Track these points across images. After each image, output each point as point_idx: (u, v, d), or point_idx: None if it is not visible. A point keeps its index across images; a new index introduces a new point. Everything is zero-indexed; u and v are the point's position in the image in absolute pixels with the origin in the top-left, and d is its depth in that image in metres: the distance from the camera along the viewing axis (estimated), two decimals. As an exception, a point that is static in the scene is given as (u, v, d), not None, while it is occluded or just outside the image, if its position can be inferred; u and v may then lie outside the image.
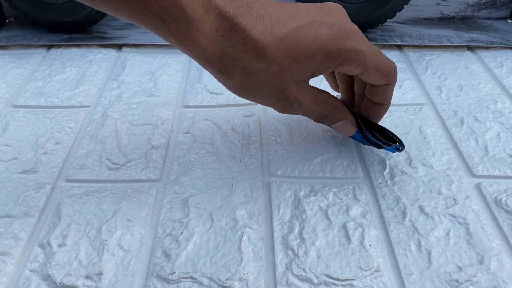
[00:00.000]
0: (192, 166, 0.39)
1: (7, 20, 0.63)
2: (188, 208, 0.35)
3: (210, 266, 0.31)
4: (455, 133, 0.42)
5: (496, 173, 0.38)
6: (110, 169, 0.38)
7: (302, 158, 0.39)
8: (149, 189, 0.37)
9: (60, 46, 0.58)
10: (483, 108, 0.46)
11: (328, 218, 0.34)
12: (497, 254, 0.31)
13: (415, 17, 0.64)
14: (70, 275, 0.30)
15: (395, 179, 0.37)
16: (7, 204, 0.35)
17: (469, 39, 0.58)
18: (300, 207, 0.35)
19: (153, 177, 0.38)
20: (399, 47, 0.57)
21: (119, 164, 0.39)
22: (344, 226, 0.33)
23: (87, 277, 0.30)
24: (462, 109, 0.46)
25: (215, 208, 0.35)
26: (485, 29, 0.61)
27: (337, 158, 0.39)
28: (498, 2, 0.62)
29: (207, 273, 0.30)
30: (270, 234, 0.33)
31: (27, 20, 0.60)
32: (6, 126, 0.44)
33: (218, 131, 0.43)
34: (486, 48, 0.57)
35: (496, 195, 0.36)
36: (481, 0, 0.62)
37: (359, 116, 0.38)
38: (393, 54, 0.56)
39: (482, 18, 0.64)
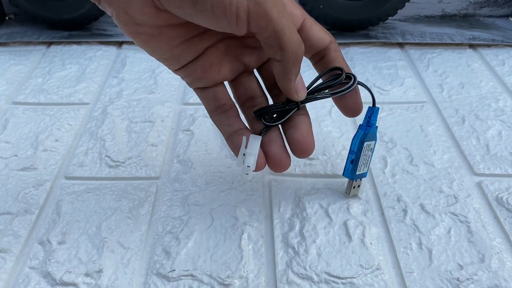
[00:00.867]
0: (192, 164, 0.39)
1: (7, 17, 0.62)
2: (188, 205, 0.35)
3: (210, 264, 0.30)
4: (456, 131, 0.42)
5: (498, 171, 0.38)
6: (110, 166, 0.38)
7: (303, 156, 0.39)
8: (149, 187, 0.36)
9: (60, 43, 0.58)
10: (484, 106, 0.46)
11: (328, 216, 0.34)
12: (498, 253, 0.31)
13: (416, 15, 0.64)
14: (70, 272, 0.30)
15: (396, 177, 0.37)
16: (7, 201, 0.35)
17: (471, 37, 0.57)
18: (300, 205, 0.35)
19: (153, 174, 0.38)
20: (401, 45, 0.57)
21: (119, 161, 0.39)
22: (345, 224, 0.33)
23: (86, 274, 0.30)
24: (464, 107, 0.45)
25: (215, 206, 0.35)
26: (487, 27, 0.61)
27: (337, 156, 0.39)
28: (500, 0, 0.62)
29: (207, 271, 0.30)
30: (271, 232, 0.33)
31: (27, 17, 0.60)
32: (6, 123, 0.43)
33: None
34: (488, 46, 0.56)
35: (497, 193, 0.35)
36: (482, -2, 0.62)
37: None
38: (395, 52, 0.55)
39: (483, 16, 0.64)
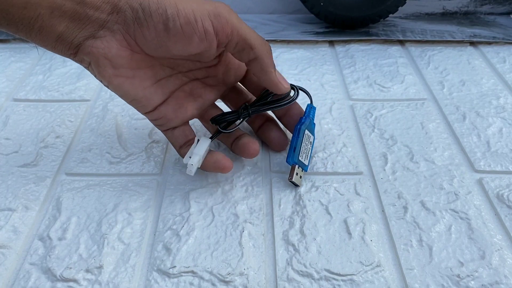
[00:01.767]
0: (192, 161, 0.39)
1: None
2: (189, 202, 0.35)
3: (211, 261, 0.30)
4: (457, 128, 0.42)
5: (498, 168, 0.38)
6: (110, 162, 0.38)
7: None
8: (149, 183, 0.36)
9: (61, 40, 0.58)
10: (485, 103, 0.45)
11: (329, 214, 0.34)
12: (498, 250, 0.31)
13: (417, 12, 0.63)
14: (70, 268, 0.30)
15: (397, 174, 0.37)
16: (7, 197, 0.35)
17: (472, 35, 0.57)
18: (301, 202, 0.35)
19: (153, 171, 0.38)
20: (401, 42, 0.57)
21: (119, 158, 0.39)
22: (345, 222, 0.33)
23: (87, 270, 0.30)
24: (464, 104, 0.45)
25: (216, 203, 0.35)
26: (488, 24, 0.61)
27: (338, 153, 0.39)
28: (501, -2, 0.62)
29: (207, 268, 0.30)
30: (271, 230, 0.33)
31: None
32: (7, 120, 0.43)
33: (219, 125, 0.42)
34: (489, 43, 0.56)
35: (498, 190, 0.35)
36: (484, -5, 0.62)
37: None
38: (395, 49, 0.55)
39: (484, 14, 0.63)
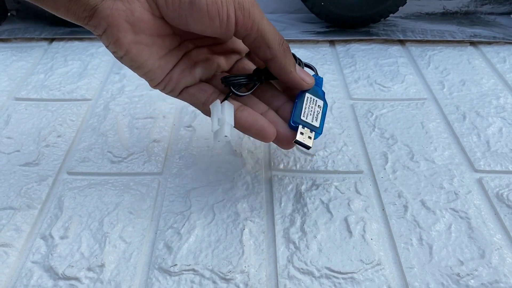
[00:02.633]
0: (193, 160, 0.39)
1: (9, 14, 0.62)
2: (190, 201, 0.35)
3: (211, 259, 0.31)
4: (457, 128, 0.42)
5: (498, 168, 0.38)
6: (112, 162, 0.39)
7: (304, 152, 0.39)
8: (151, 182, 0.37)
9: (62, 39, 0.58)
10: (485, 103, 0.46)
11: (329, 212, 0.34)
12: (498, 249, 0.31)
13: (417, 12, 0.64)
14: (72, 266, 0.30)
15: (397, 173, 0.37)
16: (9, 196, 0.35)
17: (472, 34, 0.57)
18: (301, 200, 0.35)
19: (155, 170, 0.38)
20: (402, 42, 0.57)
21: (121, 157, 0.39)
22: (346, 220, 0.33)
23: (89, 269, 0.30)
24: (464, 104, 0.45)
25: (216, 201, 0.35)
26: (488, 24, 0.61)
27: (338, 152, 0.39)
28: (501, -3, 0.62)
29: (208, 266, 0.30)
30: (272, 228, 0.33)
31: (29, 14, 0.60)
32: (8, 119, 0.44)
33: (220, 124, 0.42)
34: (489, 43, 0.56)
35: (497, 190, 0.36)
36: (484, -5, 0.62)
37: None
38: (396, 49, 0.56)
39: (485, 13, 0.64)
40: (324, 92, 0.35)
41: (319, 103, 0.34)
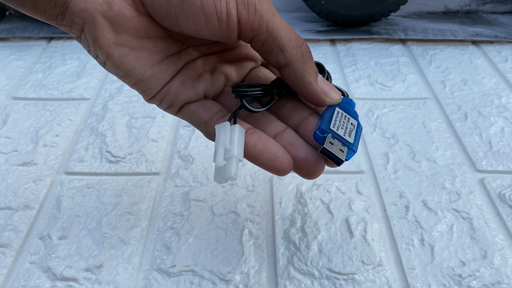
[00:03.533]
0: (193, 160, 0.38)
1: (7, 13, 0.62)
2: (189, 201, 0.35)
3: (211, 260, 0.30)
4: (459, 128, 0.42)
5: (500, 168, 0.37)
6: (110, 162, 0.38)
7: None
8: (149, 182, 0.36)
9: (61, 38, 0.58)
10: (487, 102, 0.45)
11: (330, 212, 0.34)
12: (500, 249, 0.31)
13: (419, 11, 0.63)
14: (71, 267, 0.30)
15: (398, 173, 0.37)
16: (7, 196, 0.35)
17: (474, 34, 0.57)
18: (302, 201, 0.35)
19: (153, 170, 0.37)
20: (403, 41, 0.57)
21: (119, 157, 0.39)
22: (347, 220, 0.33)
23: (87, 269, 0.30)
24: (466, 104, 0.45)
25: (216, 202, 0.35)
26: (490, 23, 0.60)
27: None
28: (503, -4, 0.62)
29: (208, 266, 0.30)
30: (272, 228, 0.33)
31: (28, 12, 0.60)
32: (6, 118, 0.43)
33: (220, 124, 0.42)
34: (491, 42, 0.56)
35: (499, 190, 0.35)
36: (485, -6, 0.62)
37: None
38: (397, 48, 0.55)
39: (486, 12, 0.63)
40: (358, 114, 0.28)
41: (353, 122, 0.27)
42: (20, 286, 0.29)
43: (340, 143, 0.25)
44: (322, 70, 0.28)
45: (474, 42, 0.56)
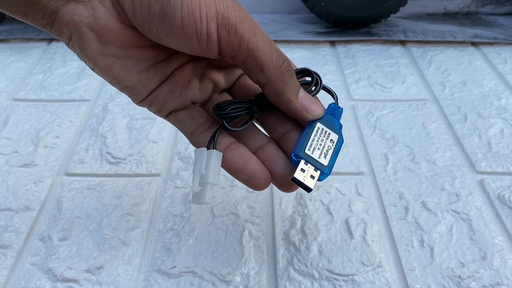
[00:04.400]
0: (193, 161, 0.38)
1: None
2: (189, 202, 0.35)
3: (211, 261, 0.30)
4: (458, 129, 0.42)
5: (500, 169, 0.37)
6: (110, 163, 0.38)
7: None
8: (150, 184, 0.36)
9: (61, 39, 0.58)
10: (486, 104, 0.45)
11: (330, 213, 0.34)
12: (500, 251, 0.31)
13: (418, 12, 0.63)
14: (71, 268, 0.30)
15: (398, 174, 0.37)
16: (8, 198, 0.35)
17: (473, 35, 0.57)
18: (302, 202, 0.35)
19: (154, 171, 0.38)
20: (403, 43, 0.57)
21: (119, 158, 0.39)
22: (346, 222, 0.33)
23: (87, 270, 0.30)
24: (466, 105, 0.45)
25: (216, 203, 0.35)
26: (489, 25, 0.60)
27: (339, 153, 0.39)
28: (502, -2, 0.62)
29: (208, 268, 0.30)
30: (272, 229, 0.33)
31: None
32: (7, 120, 0.43)
33: (220, 125, 0.42)
34: (490, 44, 0.56)
35: (499, 191, 0.35)
36: (485, -4, 0.62)
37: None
38: (397, 50, 0.55)
39: (486, 14, 0.63)
40: (341, 125, 0.29)
41: (333, 137, 0.27)
42: (20, 287, 0.29)
43: (313, 167, 0.26)
44: (310, 75, 0.28)
45: (473, 44, 0.56)
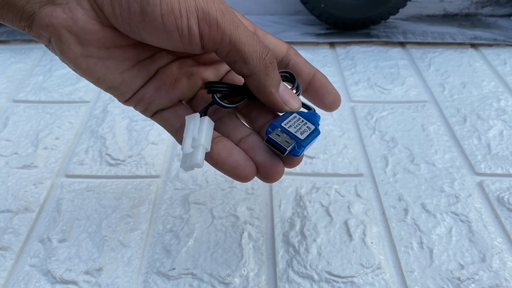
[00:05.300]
0: (193, 162, 0.39)
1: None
2: (188, 204, 0.35)
3: (210, 263, 0.30)
4: (458, 131, 0.42)
5: (499, 171, 0.37)
6: (110, 164, 0.38)
7: (304, 155, 0.39)
8: (149, 185, 0.36)
9: (61, 41, 0.58)
10: (486, 105, 0.45)
11: (329, 215, 0.34)
12: (499, 252, 0.31)
13: (418, 14, 0.63)
14: (70, 270, 0.30)
15: (397, 176, 0.37)
16: (7, 199, 0.35)
17: (473, 37, 0.57)
18: (301, 204, 0.35)
19: (153, 173, 0.38)
20: (402, 44, 0.57)
21: (119, 159, 0.39)
22: (346, 223, 0.33)
23: (87, 272, 0.30)
24: (465, 107, 0.45)
25: (215, 205, 0.35)
26: (489, 26, 0.61)
27: (338, 155, 0.39)
28: (501, 0, 0.62)
29: (207, 269, 0.30)
30: (271, 231, 0.33)
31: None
32: (7, 121, 0.43)
33: (219, 127, 0.42)
34: (490, 45, 0.56)
35: (498, 193, 0.35)
36: (484, -3, 0.62)
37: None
38: (396, 51, 0.55)
39: (485, 16, 0.63)
40: (318, 124, 0.28)
41: (309, 126, 0.27)
42: (20, 289, 0.29)
43: (289, 137, 0.26)
44: (293, 79, 0.29)
45: (473, 45, 0.56)
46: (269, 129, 0.26)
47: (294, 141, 0.26)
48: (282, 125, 0.26)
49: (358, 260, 0.30)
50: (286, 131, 0.26)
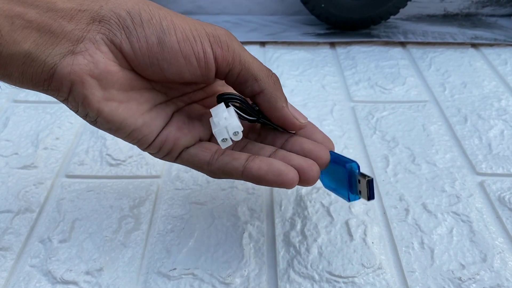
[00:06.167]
0: (193, 162, 0.39)
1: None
2: (189, 204, 0.35)
3: (211, 263, 0.30)
4: (458, 131, 0.42)
5: (500, 171, 0.37)
6: (110, 165, 0.38)
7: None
8: (150, 185, 0.36)
9: (61, 41, 0.58)
10: (486, 105, 0.45)
11: (330, 215, 0.34)
12: (500, 252, 0.31)
13: (418, 14, 0.63)
14: (71, 270, 0.30)
15: (398, 176, 0.37)
16: (8, 199, 0.35)
17: (473, 36, 0.57)
18: (302, 204, 0.35)
19: (154, 173, 0.38)
20: (403, 44, 0.57)
21: (119, 160, 0.39)
22: (347, 223, 0.33)
23: (87, 272, 0.30)
24: (466, 107, 0.45)
25: (216, 205, 0.35)
26: (489, 26, 0.60)
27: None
28: (502, 0, 0.62)
29: (208, 270, 0.30)
30: (272, 231, 0.33)
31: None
32: (7, 121, 0.43)
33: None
34: (490, 45, 0.56)
35: (499, 193, 0.35)
36: (485, -3, 0.62)
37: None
38: (397, 51, 0.55)
39: (486, 15, 0.63)
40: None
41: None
42: (20, 289, 0.29)
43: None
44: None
45: (473, 45, 0.56)
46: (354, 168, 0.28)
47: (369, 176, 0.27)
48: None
49: (359, 260, 0.30)
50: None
